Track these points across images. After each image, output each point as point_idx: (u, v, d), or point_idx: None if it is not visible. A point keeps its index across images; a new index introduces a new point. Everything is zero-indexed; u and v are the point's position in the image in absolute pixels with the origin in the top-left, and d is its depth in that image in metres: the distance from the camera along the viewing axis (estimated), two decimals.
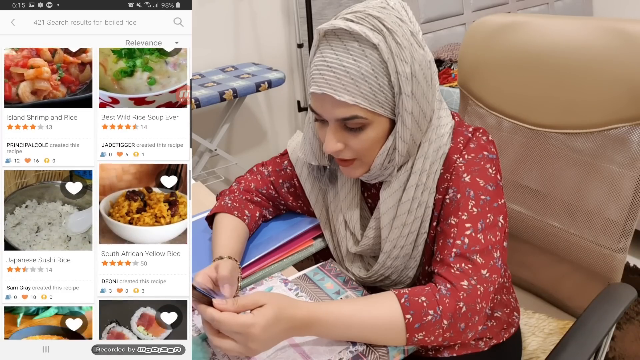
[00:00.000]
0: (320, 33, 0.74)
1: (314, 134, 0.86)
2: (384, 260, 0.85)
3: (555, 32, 1.00)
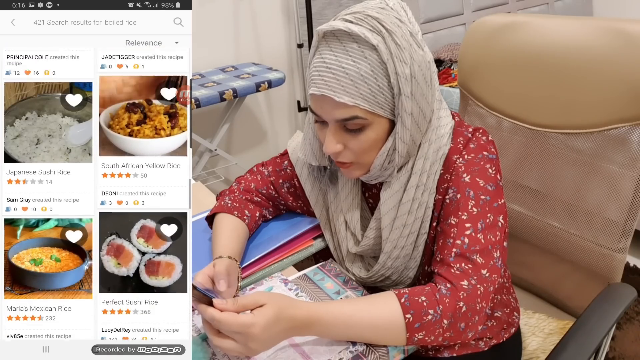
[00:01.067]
0: (319, 34, 0.74)
1: (314, 135, 0.86)
2: (385, 261, 0.85)
3: (555, 32, 1.00)
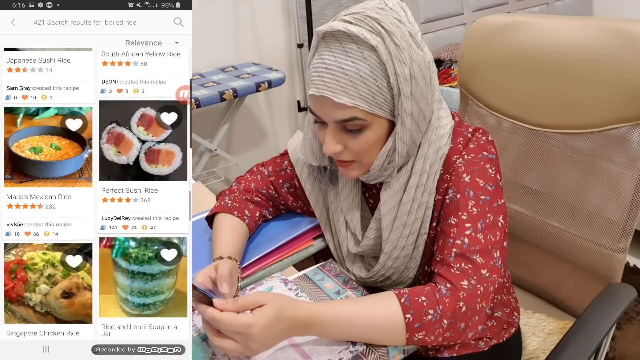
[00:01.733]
0: (318, 35, 0.74)
1: (314, 135, 0.86)
2: (385, 261, 0.85)
3: (555, 32, 1.00)
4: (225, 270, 0.78)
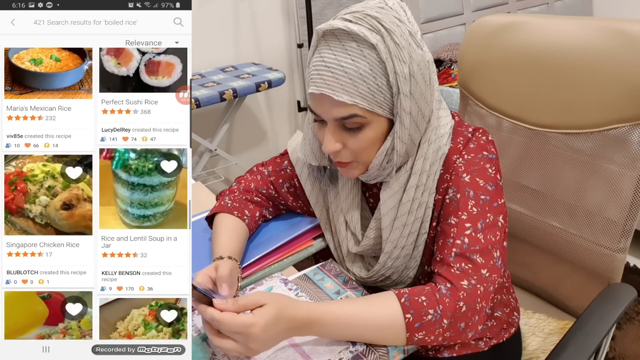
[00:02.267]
0: (318, 33, 0.74)
1: (313, 135, 0.86)
2: (385, 261, 0.85)
3: (555, 32, 1.00)
4: (226, 270, 0.78)
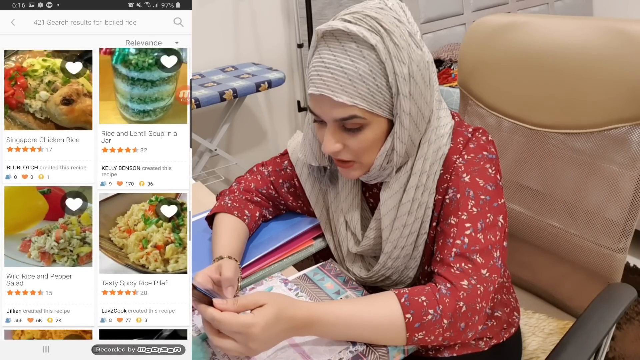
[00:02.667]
0: (318, 34, 0.74)
1: (313, 135, 0.86)
2: (385, 261, 0.85)
3: (555, 32, 1.00)
4: (230, 273, 0.78)
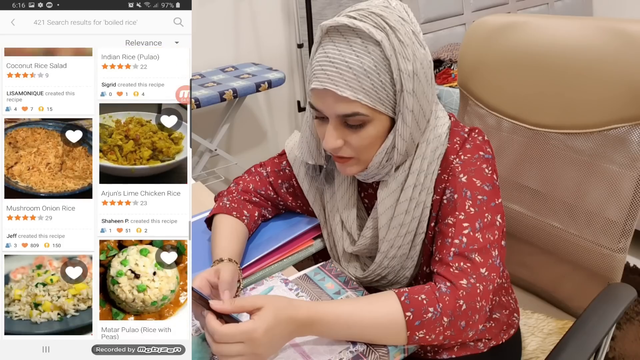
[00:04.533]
0: (322, 30, 0.74)
1: (311, 133, 0.86)
2: (381, 260, 0.85)
3: (555, 32, 1.00)
4: (228, 276, 0.78)
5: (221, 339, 0.65)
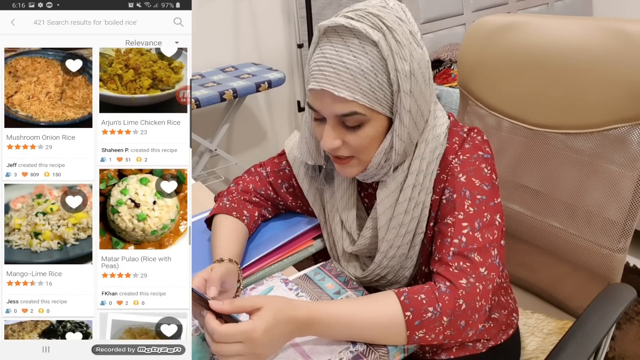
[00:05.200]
0: (320, 30, 0.74)
1: (310, 134, 0.86)
2: (381, 260, 0.85)
3: (555, 32, 1.00)
4: (217, 274, 0.77)
5: (220, 339, 0.65)
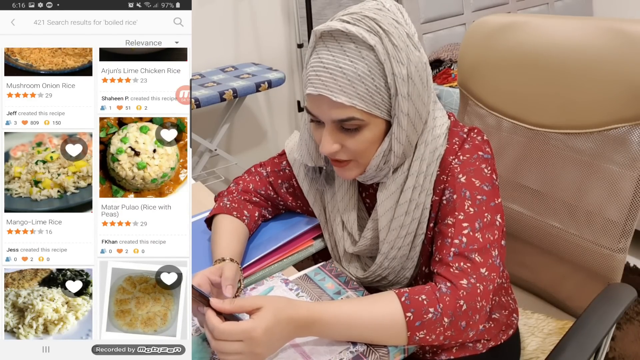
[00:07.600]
0: (316, 35, 0.74)
1: (309, 135, 0.86)
2: (382, 261, 0.85)
3: (555, 32, 1.00)
4: (232, 273, 0.78)
5: (220, 336, 0.65)
